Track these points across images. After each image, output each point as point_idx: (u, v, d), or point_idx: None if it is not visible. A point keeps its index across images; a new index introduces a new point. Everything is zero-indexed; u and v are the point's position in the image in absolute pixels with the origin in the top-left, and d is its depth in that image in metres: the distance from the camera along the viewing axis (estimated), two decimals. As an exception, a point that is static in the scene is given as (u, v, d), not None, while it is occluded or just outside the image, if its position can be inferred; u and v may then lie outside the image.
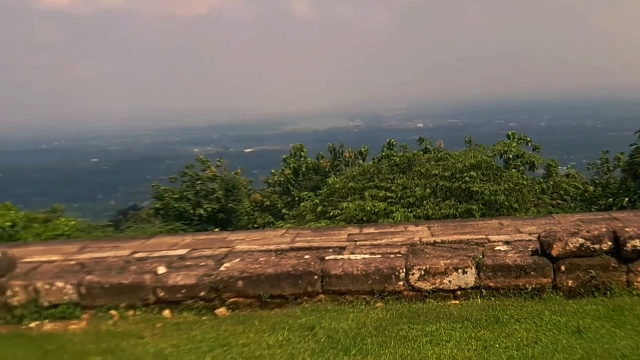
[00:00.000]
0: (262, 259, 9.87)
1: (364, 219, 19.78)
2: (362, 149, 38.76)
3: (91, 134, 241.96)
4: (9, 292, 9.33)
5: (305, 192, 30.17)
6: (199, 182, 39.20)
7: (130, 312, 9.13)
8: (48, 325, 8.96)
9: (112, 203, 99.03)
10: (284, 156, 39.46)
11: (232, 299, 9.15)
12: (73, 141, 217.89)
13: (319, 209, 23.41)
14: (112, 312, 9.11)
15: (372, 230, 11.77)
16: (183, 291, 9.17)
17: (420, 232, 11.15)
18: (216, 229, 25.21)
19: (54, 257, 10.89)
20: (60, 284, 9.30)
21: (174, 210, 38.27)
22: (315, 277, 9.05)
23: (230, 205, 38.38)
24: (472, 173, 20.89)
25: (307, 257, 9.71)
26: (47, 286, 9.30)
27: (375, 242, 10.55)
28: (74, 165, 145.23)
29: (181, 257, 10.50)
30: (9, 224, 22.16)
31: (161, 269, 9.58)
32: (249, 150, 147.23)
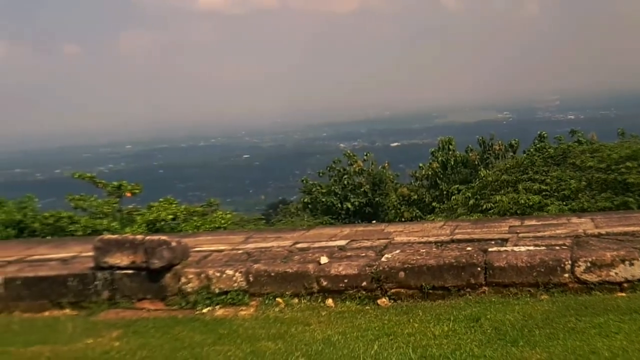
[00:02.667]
0: (423, 250, 9.93)
1: (518, 212, 19.47)
2: (513, 142, 38.05)
3: (244, 130, 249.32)
4: (183, 279, 9.87)
5: (456, 186, 29.94)
6: (346, 176, 39.59)
7: (295, 300, 9.43)
8: (219, 311, 9.41)
9: (262, 197, 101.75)
10: (432, 149, 39.26)
11: (393, 290, 9.26)
12: (228, 138, 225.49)
13: (471, 202, 23.24)
14: (279, 299, 9.45)
15: (533, 222, 11.61)
16: (345, 281, 9.37)
17: (584, 224, 10.89)
18: (373, 222, 25.45)
19: (222, 247, 11.40)
20: (230, 271, 9.74)
21: (322, 204, 38.84)
22: (479, 268, 9.03)
23: (377, 199, 38.58)
24: (628, 164, 20.13)
25: (469, 248, 9.70)
26: (217, 274, 9.76)
27: (538, 234, 10.40)
28: (228, 161, 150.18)
29: (341, 248, 10.73)
30: (171, 217, 23.12)
31: (324, 259, 9.84)
32: (395, 144, 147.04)
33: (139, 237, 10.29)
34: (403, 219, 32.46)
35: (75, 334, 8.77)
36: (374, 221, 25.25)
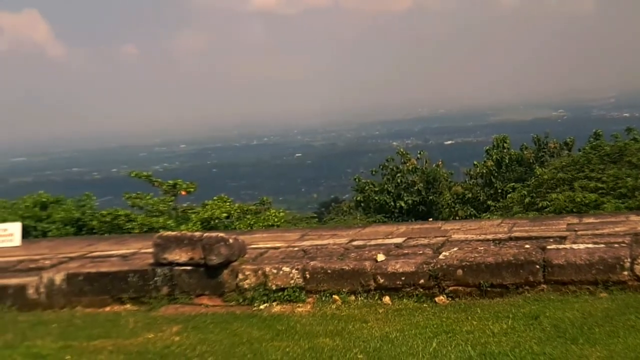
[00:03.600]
0: (481, 248, 9.87)
1: (574, 210, 19.21)
2: (568, 140, 37.57)
3: (297, 129, 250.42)
4: (240, 276, 9.97)
5: (512, 184, 29.65)
6: (399, 174, 39.40)
7: (352, 298, 9.45)
8: (276, 308, 9.48)
9: (314, 196, 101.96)
10: (487, 147, 38.97)
11: (451, 287, 9.23)
12: (280, 137, 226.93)
13: (526, 200, 23.04)
14: (335, 296, 9.48)
15: (592, 220, 11.47)
16: (402, 278, 9.37)
17: (644, 222, 10.73)
18: (430, 219, 25.37)
19: (278, 244, 11.49)
20: (286, 268, 9.81)
21: (375, 202, 38.71)
22: (537, 266, 8.94)
23: (430, 197, 38.32)
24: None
25: (527, 246, 9.61)
26: (274, 271, 9.83)
27: (596, 232, 10.26)
28: (280, 160, 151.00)
29: (398, 246, 10.73)
30: (224, 215, 23.33)
31: (380, 256, 9.84)
32: (449, 142, 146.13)
33: (197, 234, 10.44)
34: (457, 218, 32.24)
35: (137, 328, 8.94)
36: (430, 219, 25.13)
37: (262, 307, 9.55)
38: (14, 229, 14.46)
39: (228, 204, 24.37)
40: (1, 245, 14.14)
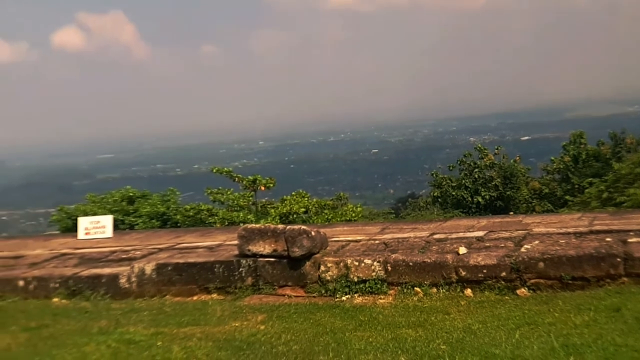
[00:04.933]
0: (562, 241, 9.87)
1: (652, 205, 18.87)
2: (645, 135, 36.89)
3: (373, 125, 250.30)
4: (322, 268, 10.19)
5: (589, 179, 29.20)
6: (476, 170, 39.11)
7: (434, 290, 9.55)
8: (358, 299, 9.66)
9: (391, 192, 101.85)
10: (564, 143, 38.51)
11: (533, 280, 9.24)
12: (357, 133, 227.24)
13: (604, 195, 22.70)
14: (417, 289, 9.60)
15: (675, 213, 11.31)
16: (484, 271, 9.42)
17: None
18: (510, 213, 25.20)
19: (359, 237, 11.66)
20: (368, 261, 9.97)
21: (452, 198, 38.53)
22: (618, 259, 8.89)
23: (508, 193, 37.94)
24: None
25: (608, 239, 9.57)
26: (356, 263, 10.01)
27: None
28: (357, 155, 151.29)
29: (479, 239, 10.78)
30: (302, 209, 23.62)
31: (462, 249, 9.92)
32: (525, 138, 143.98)
33: (280, 226, 10.69)
34: (535, 213, 31.90)
35: (223, 317, 9.24)
36: (511, 213, 24.94)
37: (344, 298, 9.74)
38: (106, 221, 15.07)
39: (306, 199, 24.65)
40: (94, 237, 14.76)
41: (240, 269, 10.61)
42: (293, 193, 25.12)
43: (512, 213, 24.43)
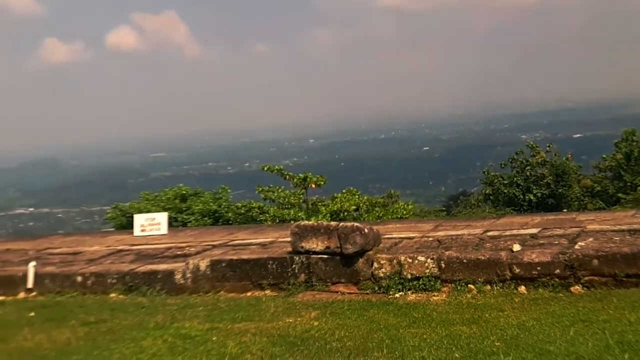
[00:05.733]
0: (617, 238, 9.78)
1: None
2: (699, 132, 36.19)
3: (424, 123, 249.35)
4: (375, 265, 10.21)
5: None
6: (528, 167, 38.74)
7: (487, 287, 9.52)
8: (411, 296, 9.67)
9: (442, 189, 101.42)
10: (616, 141, 37.98)
11: (587, 277, 9.16)
12: (408, 131, 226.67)
13: (657, 192, 22.37)
14: (470, 286, 9.58)
15: None
16: (538, 268, 9.35)
17: None
18: (564, 210, 24.97)
19: (412, 234, 11.68)
20: (421, 258, 9.97)
21: (504, 195, 38.23)
22: (674, 256, 8.77)
23: (559, 190, 37.51)
24: None
25: (664, 236, 9.44)
26: (409, 260, 10.01)
27: None
28: (408, 153, 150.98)
29: (533, 236, 10.71)
30: (354, 207, 23.65)
31: (516, 247, 9.87)
32: (577, 135, 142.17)
33: (333, 223, 10.72)
34: (587, 210, 31.52)
35: (277, 313, 9.33)
36: (564, 210, 24.71)
37: (397, 295, 9.75)
38: (162, 218, 15.32)
39: (357, 196, 24.67)
40: (150, 234, 15.02)
41: (293, 266, 10.69)
42: (344, 191, 25.15)
43: (565, 210, 24.16)
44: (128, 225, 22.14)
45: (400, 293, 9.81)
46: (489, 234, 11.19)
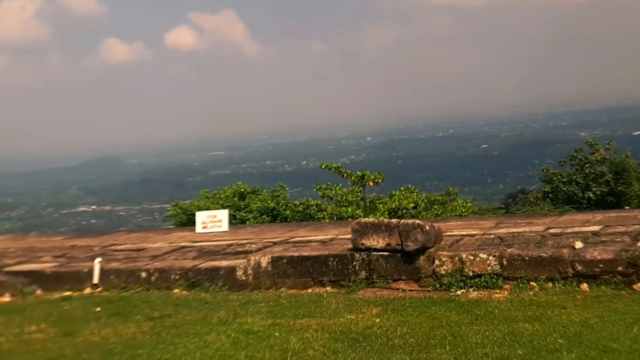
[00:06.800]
0: (680, 235, 9.63)
1: None
2: None
3: (483, 120, 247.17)
4: (436, 262, 10.22)
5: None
6: (587, 165, 38.18)
7: (549, 284, 9.46)
8: (473, 293, 9.66)
9: (500, 187, 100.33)
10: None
11: (649, 275, 9.06)
12: (466, 128, 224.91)
13: None
14: (532, 283, 9.54)
15: None
16: (600, 265, 9.27)
17: None
18: (626, 207, 24.54)
19: (473, 232, 11.66)
20: (483, 255, 9.95)
21: (563, 193, 37.74)
22: None
23: (619, 188, 36.87)
24: None
25: None
26: (471, 257, 10.01)
27: None
28: (466, 151, 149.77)
29: (595, 233, 10.62)
30: (412, 205, 23.52)
31: (578, 244, 9.79)
32: (637, 132, 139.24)
33: (394, 220, 10.76)
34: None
35: (338, 309, 9.42)
36: (626, 207, 24.30)
37: (458, 292, 9.75)
38: (223, 215, 15.55)
39: (415, 194, 24.50)
40: (211, 231, 15.26)
41: (354, 263, 10.75)
42: (402, 188, 25.01)
43: (627, 208, 23.77)
44: (188, 223, 22.45)
45: (462, 290, 9.81)
46: (551, 231, 11.12)
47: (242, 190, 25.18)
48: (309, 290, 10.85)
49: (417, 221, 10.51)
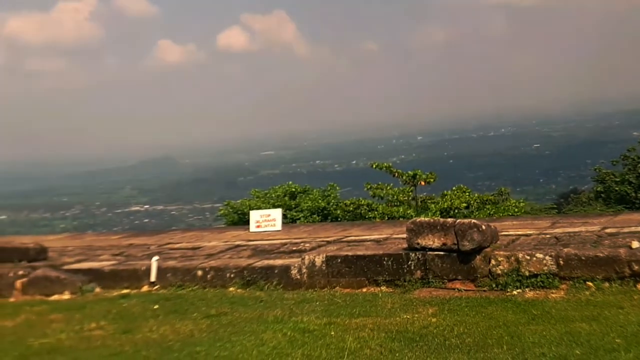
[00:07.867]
0: None
1: None
2: None
3: (535, 120, 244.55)
4: (493, 262, 10.18)
5: None
6: (640, 164, 37.62)
7: (606, 284, 9.39)
8: (529, 293, 9.60)
9: (553, 187, 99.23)
10: None
11: None
12: (518, 128, 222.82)
13: None
14: (589, 283, 9.47)
15: None
16: (658, 266, 9.17)
17: None
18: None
19: (529, 231, 11.60)
20: (539, 255, 9.89)
21: (616, 193, 37.26)
22: None
23: (671, 188, 36.24)
24: None
25: None
26: (527, 257, 9.95)
27: None
28: (518, 150, 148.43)
29: (654, 233, 10.48)
30: (464, 204, 23.40)
31: (635, 244, 9.68)
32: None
33: (450, 220, 10.74)
34: None
35: (394, 309, 9.43)
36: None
37: (515, 292, 9.70)
38: (276, 215, 15.67)
39: (467, 194, 24.36)
40: (265, 230, 15.40)
41: (409, 262, 10.76)
42: (454, 188, 24.89)
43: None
44: (239, 222, 22.68)
45: (518, 290, 9.76)
46: (607, 231, 11.03)
47: (293, 189, 25.34)
48: (364, 290, 10.88)
49: (474, 220, 10.48)
